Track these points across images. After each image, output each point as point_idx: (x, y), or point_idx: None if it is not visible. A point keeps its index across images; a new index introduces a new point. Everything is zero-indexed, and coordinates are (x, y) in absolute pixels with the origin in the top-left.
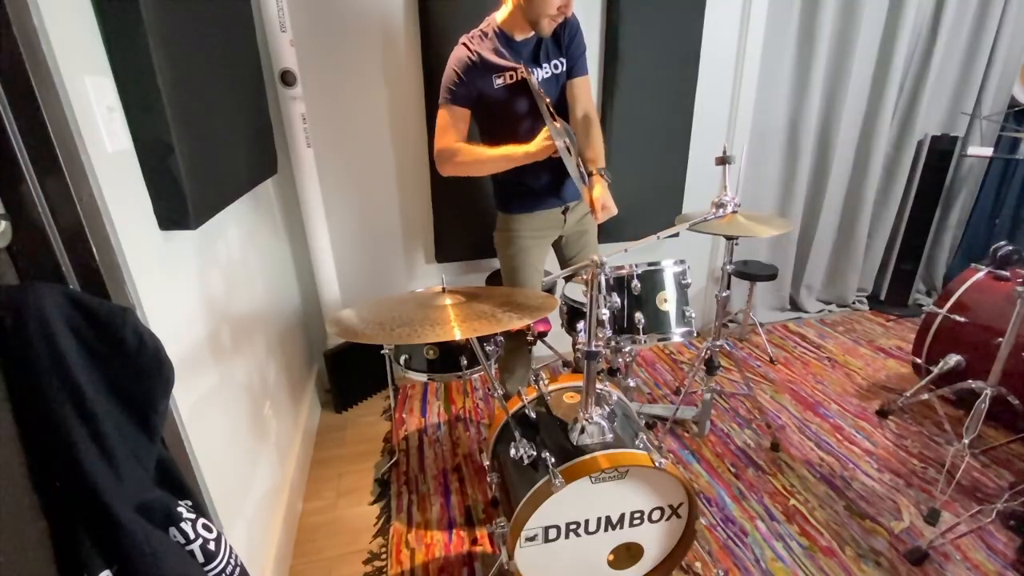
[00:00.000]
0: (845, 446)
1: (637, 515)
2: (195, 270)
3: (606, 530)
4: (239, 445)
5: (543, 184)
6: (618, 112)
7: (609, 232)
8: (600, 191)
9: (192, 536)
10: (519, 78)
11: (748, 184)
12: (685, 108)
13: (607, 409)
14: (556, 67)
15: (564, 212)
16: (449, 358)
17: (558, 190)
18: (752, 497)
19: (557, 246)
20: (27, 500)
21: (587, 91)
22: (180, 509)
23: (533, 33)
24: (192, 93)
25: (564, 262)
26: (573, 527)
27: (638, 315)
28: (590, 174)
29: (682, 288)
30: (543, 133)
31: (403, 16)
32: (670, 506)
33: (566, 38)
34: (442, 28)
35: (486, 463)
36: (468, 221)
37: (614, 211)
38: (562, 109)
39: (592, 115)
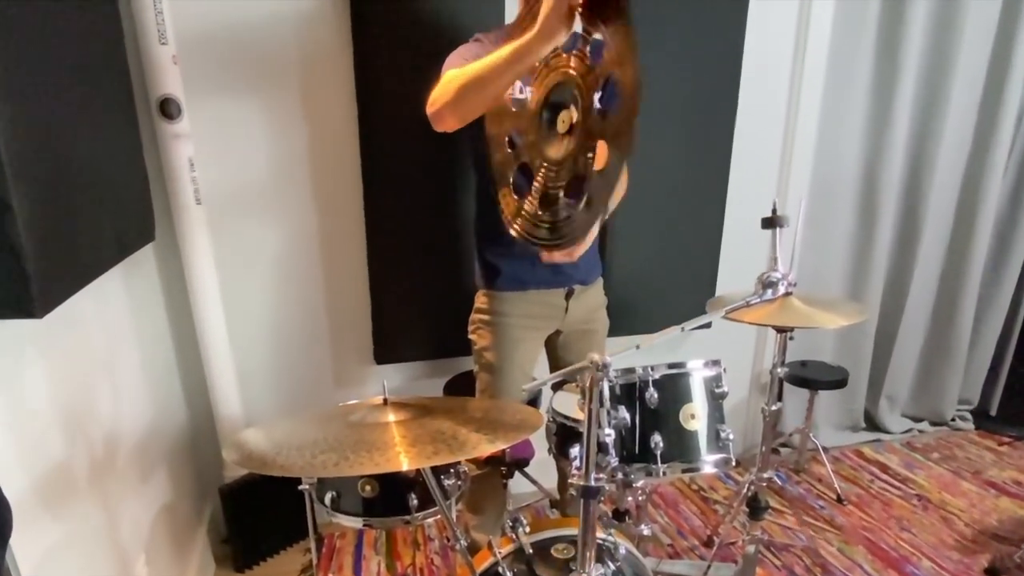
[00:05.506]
0: None
1: None
2: (41, 373)
3: None
4: None
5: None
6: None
7: (615, 322)
8: None
9: None
10: None
11: (807, 255)
12: (720, 150)
13: (612, 567)
14: None
15: (567, 297)
16: (393, 496)
17: (561, 265)
18: None
19: (551, 345)
20: None
21: None
22: None
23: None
24: (37, 132)
25: (557, 368)
26: None
27: (655, 437)
28: None
29: (715, 399)
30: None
31: (330, 26)
32: None
33: None
34: (383, 42)
35: None
36: (420, 307)
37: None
38: None
39: None
